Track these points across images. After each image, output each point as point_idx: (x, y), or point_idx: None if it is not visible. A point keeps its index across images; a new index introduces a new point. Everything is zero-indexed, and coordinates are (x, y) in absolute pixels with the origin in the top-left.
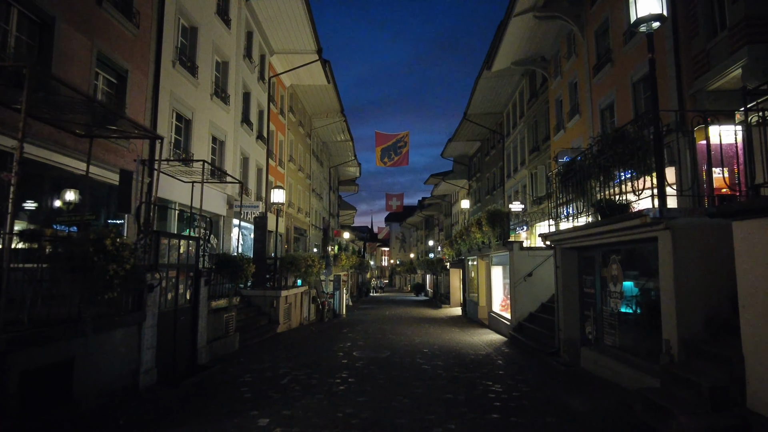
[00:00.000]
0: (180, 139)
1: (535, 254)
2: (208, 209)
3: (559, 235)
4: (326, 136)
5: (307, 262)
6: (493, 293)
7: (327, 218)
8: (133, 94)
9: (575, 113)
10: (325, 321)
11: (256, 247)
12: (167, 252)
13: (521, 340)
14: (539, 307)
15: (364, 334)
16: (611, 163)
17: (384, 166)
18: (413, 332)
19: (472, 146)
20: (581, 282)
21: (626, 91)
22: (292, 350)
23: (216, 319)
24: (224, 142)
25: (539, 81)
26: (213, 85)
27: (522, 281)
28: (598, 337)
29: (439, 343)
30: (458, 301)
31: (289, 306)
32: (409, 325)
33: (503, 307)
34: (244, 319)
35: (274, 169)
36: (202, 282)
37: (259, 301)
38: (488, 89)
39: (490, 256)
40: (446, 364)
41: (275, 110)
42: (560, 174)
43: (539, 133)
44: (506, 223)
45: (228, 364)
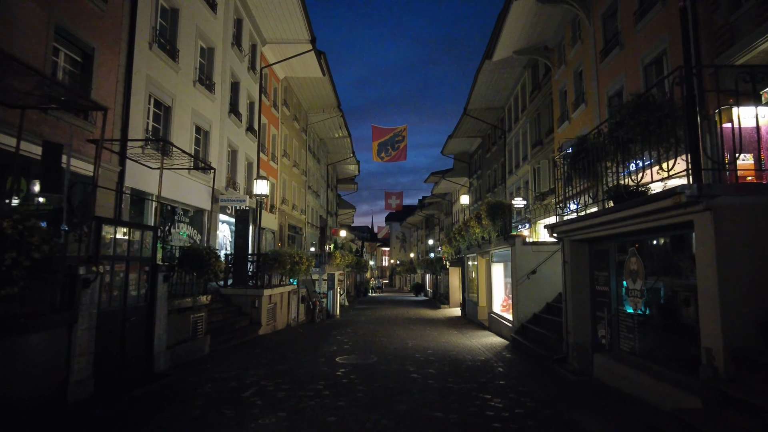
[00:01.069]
0: (158, 126)
1: (540, 249)
2: (190, 203)
3: (567, 226)
4: (323, 133)
5: (294, 260)
6: (494, 293)
7: (325, 216)
8: (100, 74)
9: (580, 102)
10: (317, 322)
11: (237, 242)
12: (113, 242)
13: (524, 343)
14: (544, 307)
15: (354, 337)
16: (633, 137)
17: (381, 161)
18: (407, 335)
19: (472, 143)
20: (593, 279)
21: (637, 74)
22: (269, 355)
23: (180, 320)
24: (209, 133)
25: (542, 72)
26: (196, 71)
27: (525, 279)
28: (613, 341)
29: (434, 347)
30: (457, 302)
31: (274, 306)
32: (403, 326)
33: (504, 308)
34: (221, 320)
35: (265, 164)
36: (161, 278)
37: (240, 301)
38: (489, 82)
39: (491, 253)
40: (439, 373)
41: (267, 103)
42: (569, 156)
43: (542, 127)
44: (508, 216)
45: (190, 372)
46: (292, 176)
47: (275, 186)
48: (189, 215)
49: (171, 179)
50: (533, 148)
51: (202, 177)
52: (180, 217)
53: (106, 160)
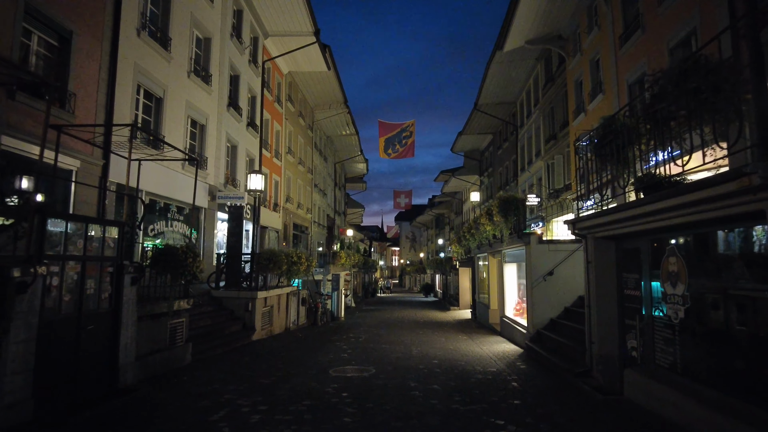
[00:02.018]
0: (149, 119)
1: (557, 248)
2: (184, 200)
3: (591, 220)
4: (330, 130)
5: (291, 259)
6: (506, 295)
7: (332, 216)
8: (80, 61)
9: (597, 93)
10: (319, 325)
11: (230, 241)
12: (63, 239)
13: (540, 353)
14: (562, 312)
15: (355, 343)
16: (675, 112)
17: (388, 157)
18: (412, 340)
19: (483, 140)
20: (620, 281)
21: (662, 59)
22: (258, 365)
23: (155, 327)
24: (205, 127)
25: (555, 64)
26: (191, 62)
27: (541, 281)
28: (646, 354)
29: (441, 355)
30: (468, 303)
31: (270, 309)
32: (410, 330)
33: (518, 312)
34: (209, 325)
35: (268, 161)
36: (128, 280)
37: (233, 304)
38: (500, 76)
39: (503, 252)
40: (444, 389)
41: (270, 98)
42: (593, 141)
43: (556, 121)
44: (522, 212)
45: (162, 386)
46: (298, 174)
47: (279, 184)
48: (184, 213)
49: (163, 175)
50: (546, 143)
51: (198, 173)
52: (173, 215)
53: (87, 153)
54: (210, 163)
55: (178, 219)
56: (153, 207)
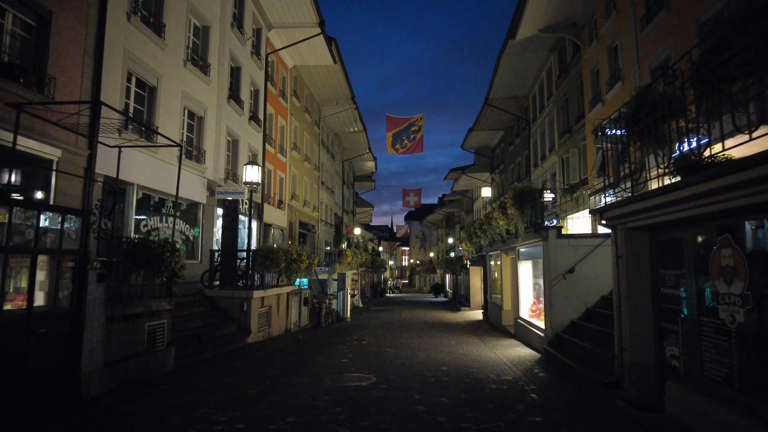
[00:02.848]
0: (141, 109)
1: (578, 243)
2: (182, 195)
3: (622, 208)
4: (337, 127)
5: (291, 257)
6: (521, 295)
7: (340, 214)
8: (61, 43)
9: (616, 81)
10: (323, 326)
11: (225, 237)
12: (5, 228)
13: (561, 359)
14: (583, 313)
15: (358, 347)
16: (742, 67)
17: (395, 153)
18: (420, 344)
19: (494, 136)
20: (656, 279)
21: (689, 38)
22: (247, 371)
23: (130, 330)
24: (203, 119)
25: (570, 54)
26: (188, 50)
27: (560, 280)
28: (691, 365)
29: (450, 361)
30: (479, 304)
31: (268, 310)
32: (418, 333)
33: (533, 313)
34: (200, 327)
35: (272, 156)
36: (93, 276)
37: (227, 304)
38: (512, 69)
39: (517, 249)
40: (454, 403)
41: (274, 92)
42: (623, 117)
43: (571, 113)
44: (539, 205)
45: (132, 397)
46: (304, 171)
47: (284, 180)
48: (182, 209)
49: (158, 169)
50: (561, 137)
51: (195, 167)
52: (168, 210)
53: (70, 142)
54: (208, 157)
55: (173, 215)
56: (147, 202)
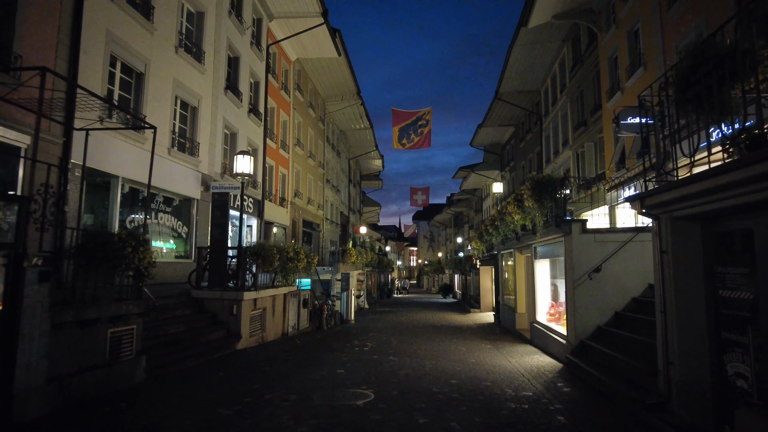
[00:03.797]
0: (128, 97)
1: (605, 239)
2: (173, 190)
3: (670, 193)
4: (343, 123)
5: (287, 255)
6: (537, 297)
7: (346, 213)
8: (30, 19)
9: (637, 67)
10: (324, 329)
11: (214, 233)
12: None
13: (587, 370)
14: (611, 318)
15: (358, 354)
16: None
17: (402, 148)
18: (427, 350)
19: (504, 132)
20: (712, 278)
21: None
22: (228, 385)
23: (86, 338)
24: (197, 109)
25: (584, 43)
26: (180, 36)
27: (585, 280)
28: None
29: (461, 372)
30: (489, 305)
31: (262, 312)
32: (425, 337)
33: (552, 317)
34: (182, 332)
35: (274, 152)
36: (33, 275)
37: (215, 306)
38: (523, 61)
39: (533, 247)
40: (466, 428)
41: (276, 85)
42: (673, 82)
43: (586, 105)
44: (560, 196)
45: (80, 421)
46: (308, 168)
47: (286, 177)
48: (173, 205)
49: (146, 160)
50: (575, 131)
51: (188, 159)
52: (158, 206)
53: (43, 128)
54: (203, 149)
55: (165, 211)
56: (135, 197)
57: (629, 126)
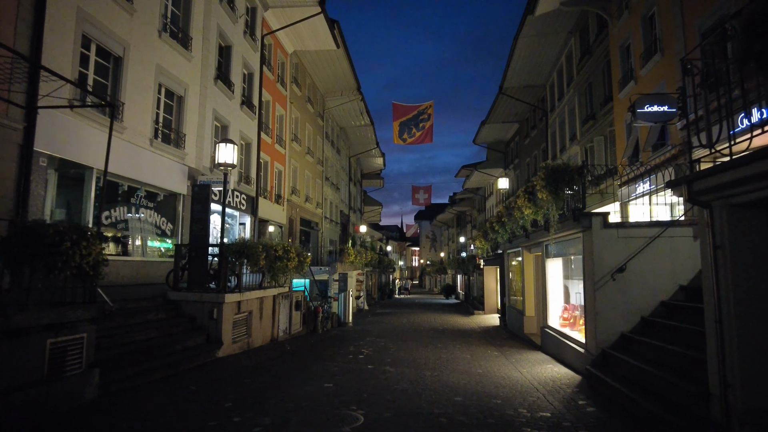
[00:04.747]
0: (105, 82)
1: (629, 234)
2: (156, 184)
3: (730, 173)
4: (343, 120)
5: (276, 253)
6: (549, 299)
7: (346, 212)
8: None
9: (653, 53)
10: (319, 333)
11: (194, 229)
12: None
13: (613, 386)
14: (638, 324)
15: (352, 363)
16: None
17: (403, 143)
18: (427, 358)
19: (508, 129)
20: None
21: None
22: (194, 404)
23: (17, 350)
24: (183, 99)
25: (593, 34)
26: (164, 19)
27: (607, 281)
28: None
29: (467, 386)
30: (494, 307)
31: (247, 316)
32: (426, 342)
33: (566, 322)
34: (153, 339)
35: (269, 147)
36: None
37: (194, 310)
38: (529, 54)
39: (544, 245)
40: None
41: (271, 77)
42: (739, 32)
43: (595, 98)
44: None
45: None
46: (305, 165)
47: (283, 173)
48: (158, 200)
49: (126, 151)
50: (583, 125)
51: (173, 152)
52: (140, 201)
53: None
54: (189, 141)
55: (147, 206)
56: (114, 190)
57: (647, 115)
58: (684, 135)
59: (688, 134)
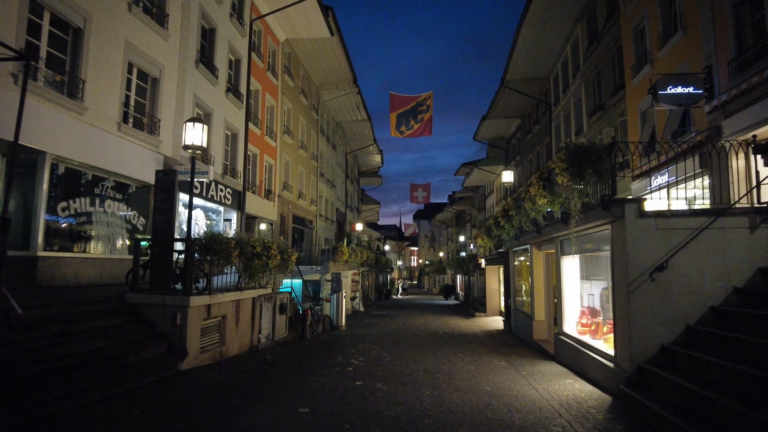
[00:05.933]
0: (63, 57)
1: (671, 225)
2: (127, 174)
3: None
4: (339, 115)
5: (253, 250)
6: (565, 303)
7: (343, 210)
8: None
9: (673, 32)
10: (308, 338)
11: (157, 221)
12: None
13: (657, 412)
14: (682, 334)
15: (338, 378)
16: None
17: (400, 136)
18: (426, 371)
19: (510, 125)
20: None
21: None
22: None
23: None
24: (158, 81)
25: (601, 19)
26: None
27: (645, 282)
28: None
29: (473, 407)
30: (496, 308)
31: (221, 321)
32: (425, 350)
33: (586, 329)
34: (99, 350)
35: (258, 138)
36: None
37: (155, 314)
38: (532, 44)
39: (559, 240)
40: None
41: (261, 65)
42: None
43: (604, 87)
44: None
45: None
46: (299, 159)
47: (273, 167)
48: (129, 192)
49: (87, 135)
50: (591, 117)
51: (145, 138)
52: (106, 192)
53: None
54: (165, 128)
55: (116, 198)
56: (75, 179)
57: (670, 97)
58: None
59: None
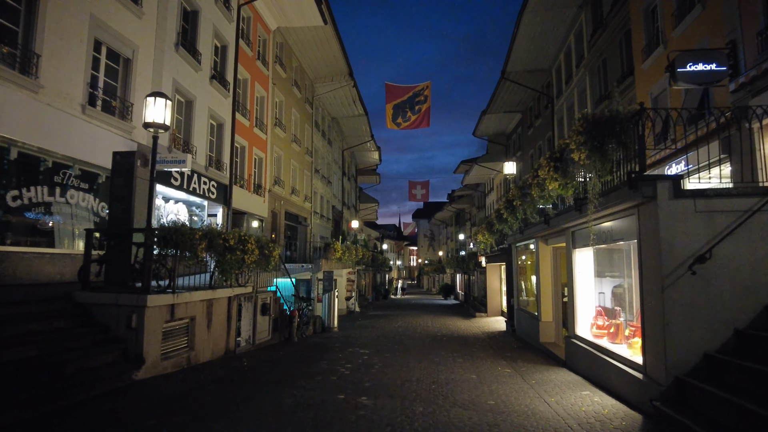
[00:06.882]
0: (15, 29)
1: (713, 207)
2: (95, 162)
3: None
4: (335, 109)
5: (226, 243)
6: (577, 302)
7: (339, 208)
8: None
9: (689, 9)
10: (295, 341)
11: (114, 210)
12: None
13: None
14: (730, 339)
15: (319, 390)
16: None
17: (397, 128)
18: (420, 380)
19: (510, 120)
20: None
21: None
22: None
23: None
24: (131, 62)
25: (607, 4)
26: None
27: (683, 275)
28: None
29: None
30: (498, 308)
31: (189, 323)
32: (420, 354)
33: (603, 332)
34: (32, 359)
35: (247, 130)
36: None
37: (109, 316)
38: (534, 33)
39: (571, 231)
40: None
41: (250, 53)
42: None
43: (610, 75)
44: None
45: None
46: (291, 154)
47: (264, 161)
48: (98, 182)
49: (47, 117)
50: (596, 107)
51: (116, 124)
52: (69, 180)
53: None
54: (138, 113)
55: (81, 188)
56: (32, 166)
57: (689, 75)
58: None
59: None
